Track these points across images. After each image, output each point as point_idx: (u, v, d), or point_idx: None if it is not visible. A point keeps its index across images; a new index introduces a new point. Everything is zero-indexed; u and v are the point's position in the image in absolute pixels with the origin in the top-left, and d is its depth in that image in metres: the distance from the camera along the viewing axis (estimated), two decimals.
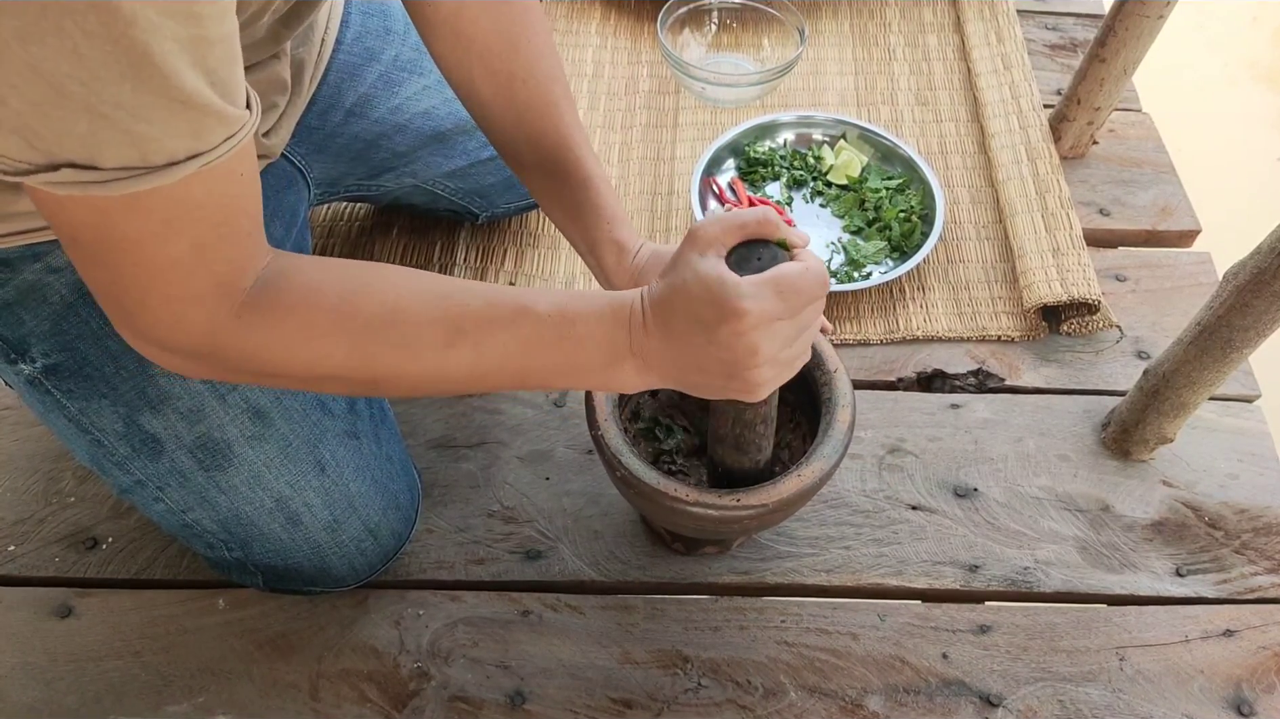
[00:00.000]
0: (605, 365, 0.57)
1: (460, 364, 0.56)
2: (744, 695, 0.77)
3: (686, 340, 0.55)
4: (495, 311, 0.56)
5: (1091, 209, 1.12)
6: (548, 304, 0.56)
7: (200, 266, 0.49)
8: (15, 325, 0.66)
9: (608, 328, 0.56)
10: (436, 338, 0.55)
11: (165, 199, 0.45)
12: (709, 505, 0.66)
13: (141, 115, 0.41)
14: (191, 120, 0.43)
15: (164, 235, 0.47)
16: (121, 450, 0.70)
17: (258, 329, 0.52)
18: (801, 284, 0.53)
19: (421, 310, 0.55)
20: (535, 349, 0.56)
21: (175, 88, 0.41)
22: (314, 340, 0.54)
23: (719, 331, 0.53)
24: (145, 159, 0.43)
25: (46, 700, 0.77)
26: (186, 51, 0.40)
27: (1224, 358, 0.78)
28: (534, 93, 0.71)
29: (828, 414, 0.70)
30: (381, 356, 0.55)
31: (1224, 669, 0.79)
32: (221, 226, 0.49)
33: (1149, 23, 1.00)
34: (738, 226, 0.55)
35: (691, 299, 0.53)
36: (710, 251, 0.54)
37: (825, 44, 1.30)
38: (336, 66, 0.87)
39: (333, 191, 0.95)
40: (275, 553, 0.75)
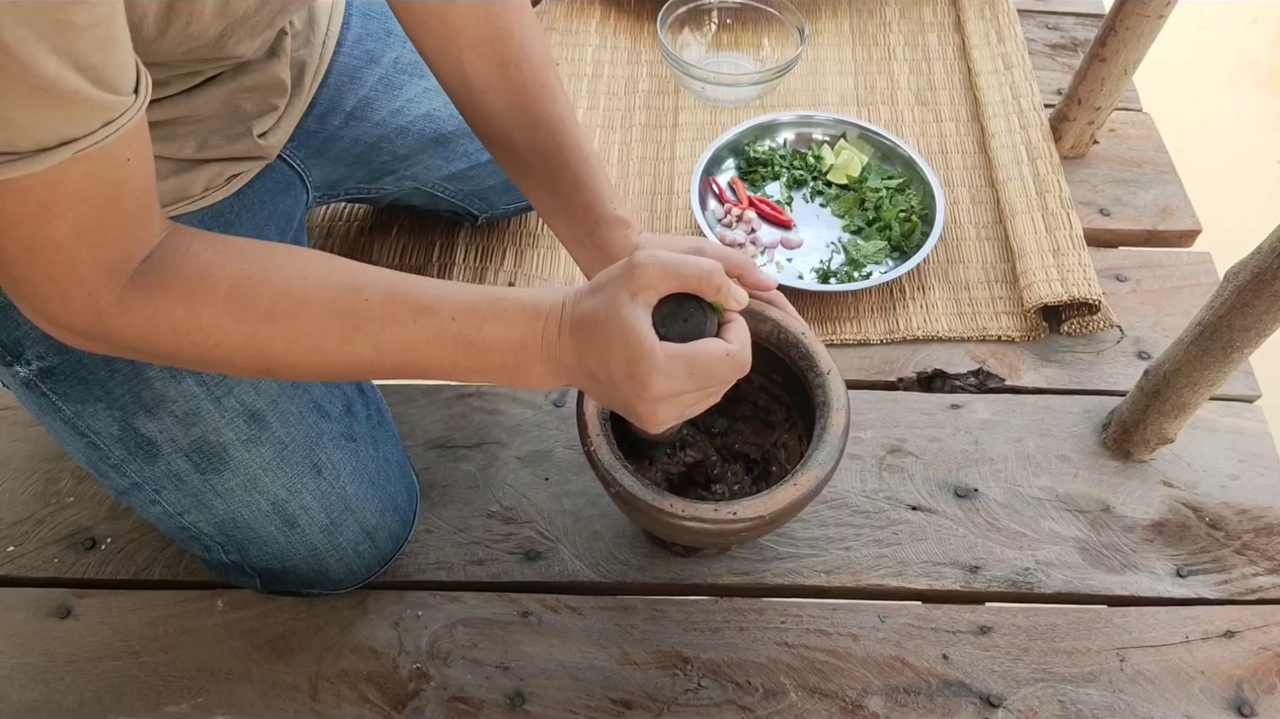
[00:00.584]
0: (514, 367, 0.57)
1: (359, 358, 0.55)
2: (744, 696, 0.77)
3: (594, 370, 0.55)
4: (397, 309, 0.55)
5: (1092, 209, 1.12)
6: (455, 304, 0.55)
7: (82, 249, 0.48)
8: (10, 328, 0.66)
9: (519, 331, 0.56)
10: (333, 332, 0.54)
11: (39, 182, 0.44)
12: (704, 519, 0.65)
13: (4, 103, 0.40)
14: (58, 107, 0.42)
15: (41, 218, 0.46)
16: (117, 453, 0.70)
17: (144, 312, 0.52)
18: (717, 369, 0.54)
19: (320, 302, 0.54)
20: (439, 349, 0.56)
21: (35, 75, 0.40)
22: (204, 328, 0.53)
23: (626, 384, 0.53)
24: (11, 145, 0.42)
25: (45, 701, 0.77)
26: (46, 38, 0.39)
27: (1225, 358, 0.78)
28: (527, 76, 0.70)
29: (822, 418, 0.70)
30: (275, 347, 0.54)
31: (1225, 670, 0.79)
32: (103, 209, 0.48)
33: (1150, 22, 1.00)
34: (677, 278, 0.53)
35: (609, 343, 0.53)
36: (641, 297, 0.53)
37: (825, 43, 1.30)
38: (337, 69, 0.86)
39: (333, 194, 0.95)
40: (272, 556, 0.75)
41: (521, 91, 0.71)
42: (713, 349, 0.54)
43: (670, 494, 0.66)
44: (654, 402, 0.53)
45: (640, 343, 0.52)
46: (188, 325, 0.52)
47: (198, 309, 0.52)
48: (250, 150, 0.72)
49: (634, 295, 0.53)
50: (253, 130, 0.71)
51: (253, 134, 0.72)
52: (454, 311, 0.55)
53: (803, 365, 0.72)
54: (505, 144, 0.73)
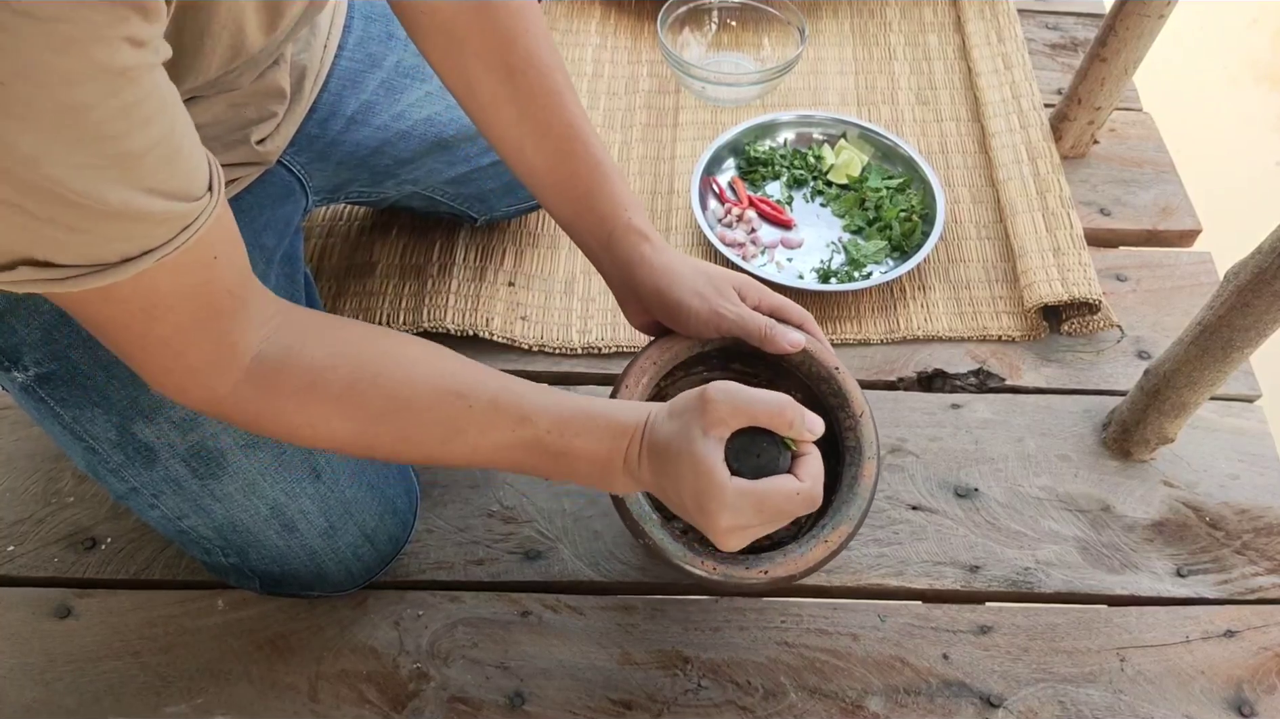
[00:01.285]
0: (599, 476, 0.60)
1: (456, 457, 0.59)
2: (744, 696, 0.77)
3: (671, 494, 0.58)
4: (497, 417, 0.58)
5: (1092, 209, 1.12)
6: (551, 416, 0.58)
7: (189, 346, 0.51)
8: (8, 334, 0.66)
9: (605, 447, 0.59)
10: (436, 435, 0.58)
11: (134, 290, 0.46)
12: (734, 578, 0.63)
13: (77, 227, 0.41)
14: (130, 227, 0.43)
15: (145, 321, 0.48)
16: (115, 458, 0.69)
17: (258, 405, 0.55)
18: (785, 505, 0.56)
19: (425, 408, 0.57)
20: (530, 455, 0.59)
21: (101, 203, 0.41)
22: (315, 425, 0.56)
23: (696, 514, 0.56)
24: (98, 258, 0.43)
25: (45, 701, 0.77)
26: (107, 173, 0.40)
27: (1225, 358, 0.78)
28: (535, 82, 0.69)
29: (853, 466, 0.67)
30: (381, 443, 0.58)
31: (1225, 670, 0.79)
32: (200, 310, 0.50)
33: (1150, 22, 1.00)
34: (749, 415, 0.56)
35: (681, 474, 0.56)
36: (713, 433, 0.55)
37: (825, 43, 1.30)
38: (338, 73, 0.86)
39: (333, 198, 0.94)
40: (271, 559, 0.75)
41: (529, 99, 0.70)
42: (783, 488, 0.56)
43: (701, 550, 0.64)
44: (722, 533, 0.56)
45: (711, 479, 0.54)
46: (299, 421, 0.56)
47: (310, 409, 0.56)
48: (248, 157, 0.72)
49: (706, 431, 0.55)
50: (251, 137, 0.71)
51: (250, 141, 0.71)
52: (549, 425, 0.58)
53: (834, 403, 0.70)
54: (517, 154, 0.72)
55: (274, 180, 0.80)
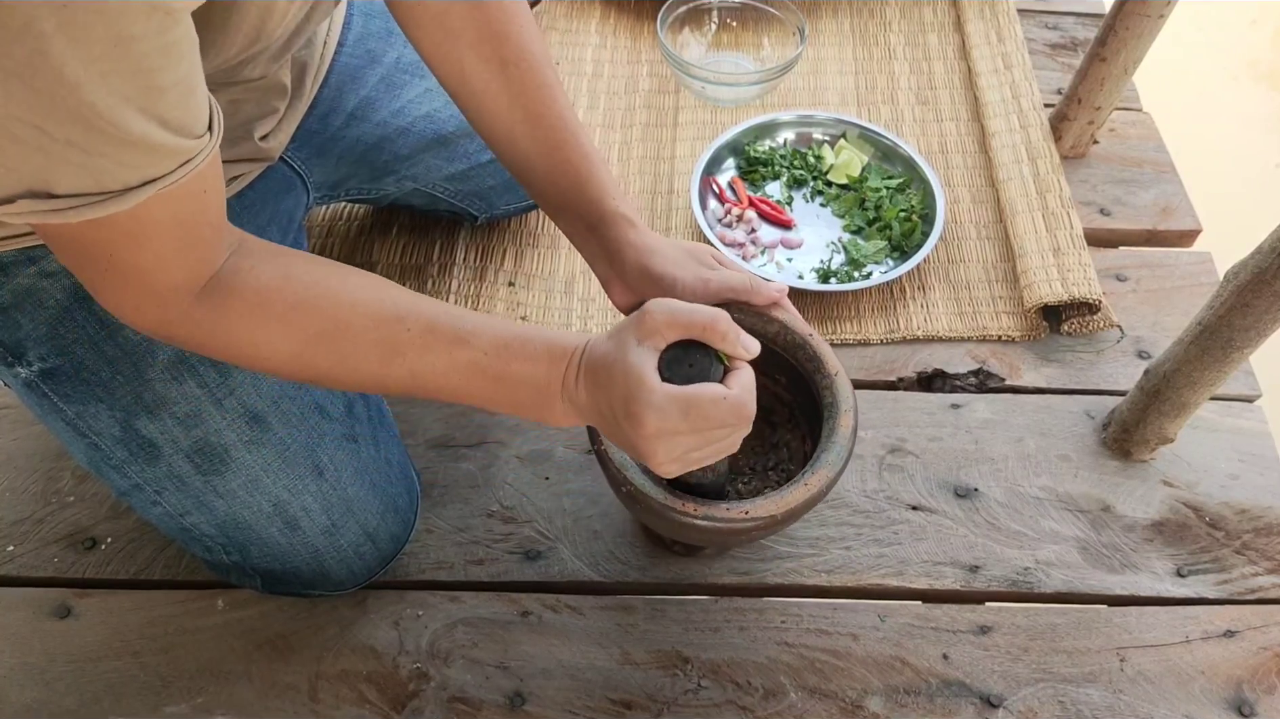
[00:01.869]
0: (537, 404, 0.60)
1: (395, 381, 0.59)
2: (744, 696, 0.77)
3: (601, 409, 0.58)
4: (434, 340, 0.58)
5: (1092, 209, 1.12)
6: (489, 339, 0.59)
7: (160, 272, 0.52)
8: (12, 329, 0.66)
9: (543, 370, 0.59)
10: (374, 356, 0.58)
11: (127, 217, 0.47)
12: (717, 519, 0.65)
13: (94, 150, 0.43)
14: (142, 155, 0.45)
15: (127, 246, 0.49)
16: (119, 454, 0.70)
17: (206, 324, 0.56)
18: (712, 411, 0.56)
19: (364, 328, 0.58)
20: (470, 380, 0.59)
21: (124, 131, 0.42)
22: (257, 341, 0.57)
23: (624, 423, 0.56)
24: (101, 185, 0.44)
25: (45, 701, 0.77)
26: (134, 102, 0.42)
27: (1225, 358, 0.78)
28: (526, 75, 0.71)
29: (830, 420, 0.70)
30: (319, 364, 0.58)
31: (1225, 670, 0.79)
32: (182, 238, 0.51)
33: (1150, 22, 1.00)
34: (684, 325, 0.56)
35: (613, 383, 0.56)
36: (648, 342, 0.56)
37: (825, 43, 1.30)
38: (338, 69, 0.86)
39: (333, 195, 0.95)
40: (273, 557, 0.75)
41: (521, 91, 0.71)
42: (710, 391, 0.56)
43: (682, 494, 0.66)
44: (649, 439, 0.56)
45: (640, 381, 0.55)
46: (244, 340, 0.57)
47: (254, 328, 0.56)
48: (252, 153, 0.72)
49: (641, 340, 0.56)
50: (254, 133, 0.71)
51: (254, 137, 0.72)
52: (486, 347, 0.59)
53: (810, 367, 0.72)
54: (507, 143, 0.74)
55: (276, 176, 0.80)
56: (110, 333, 0.67)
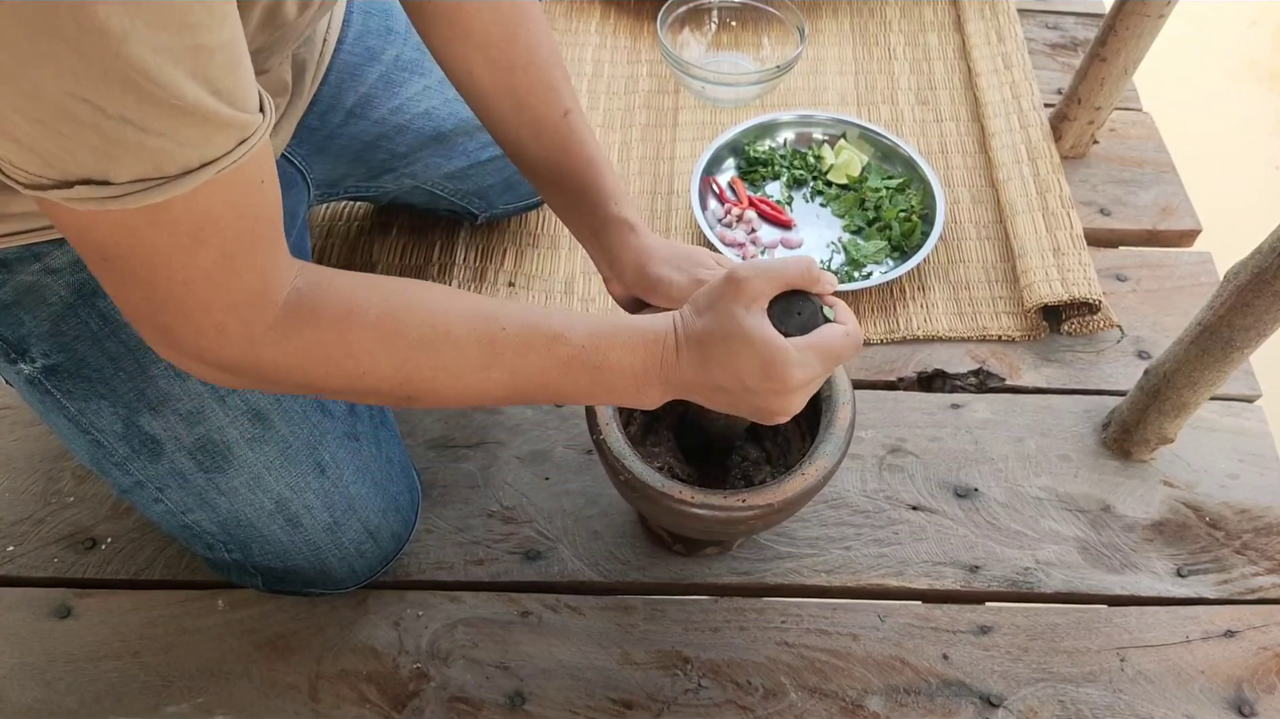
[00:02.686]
0: (634, 389, 0.60)
1: (496, 384, 0.58)
2: (744, 696, 0.77)
3: (721, 385, 0.58)
4: (533, 337, 0.58)
5: (1092, 208, 1.12)
6: (583, 331, 0.59)
7: (231, 276, 0.49)
8: (15, 326, 0.66)
9: (640, 356, 0.59)
10: (475, 359, 0.57)
11: (186, 210, 0.45)
12: (714, 507, 0.66)
13: (149, 127, 0.41)
14: (198, 128, 0.43)
15: (191, 247, 0.47)
16: (121, 451, 0.70)
17: (297, 339, 0.53)
18: (843, 348, 0.58)
19: (463, 332, 0.57)
20: (568, 374, 0.59)
21: (177, 97, 0.41)
22: (356, 355, 0.55)
23: (762, 387, 0.57)
24: (159, 169, 0.43)
25: (45, 701, 0.77)
26: (183, 63, 0.40)
27: (1225, 358, 0.78)
28: (534, 78, 0.71)
29: (828, 412, 0.70)
30: (422, 374, 0.56)
31: (1225, 670, 0.79)
32: (246, 235, 0.49)
33: (1150, 22, 1.00)
34: (780, 280, 0.58)
35: (737, 354, 0.57)
36: (755, 306, 0.57)
37: (825, 43, 1.30)
38: (337, 66, 0.86)
39: (333, 192, 0.95)
40: (274, 555, 0.75)
41: (528, 93, 0.72)
42: (836, 332, 0.58)
43: (679, 482, 0.67)
44: (794, 393, 0.57)
45: (771, 345, 0.56)
46: (339, 353, 0.54)
47: (349, 337, 0.54)
48: None
49: (748, 306, 0.57)
50: None
51: None
52: (582, 340, 0.58)
53: None
54: (514, 145, 0.74)
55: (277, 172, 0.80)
56: (113, 329, 0.67)
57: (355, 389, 0.57)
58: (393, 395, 0.58)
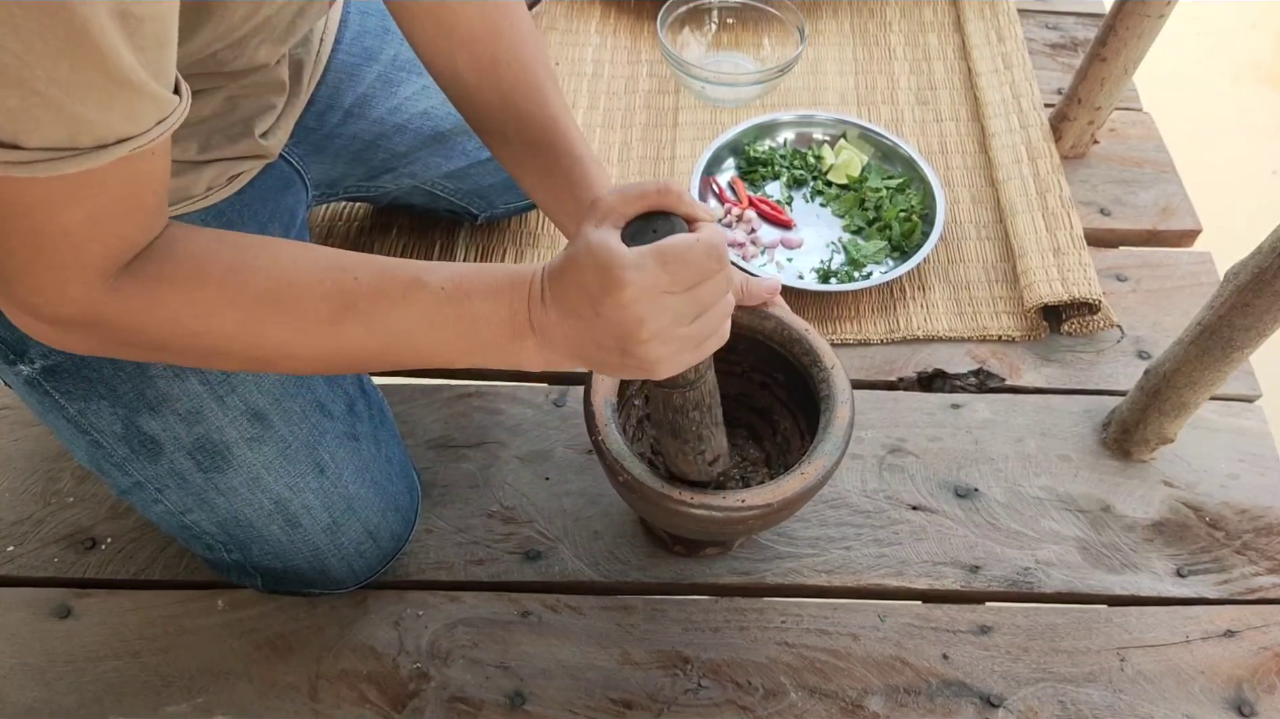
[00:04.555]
0: (505, 342, 0.56)
1: (351, 340, 0.54)
2: (744, 696, 0.77)
3: (578, 314, 0.53)
4: (387, 285, 0.54)
5: (1092, 209, 1.12)
6: (443, 278, 0.54)
7: (91, 238, 0.48)
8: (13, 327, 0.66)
9: (506, 303, 0.54)
10: (324, 312, 0.53)
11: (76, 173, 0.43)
12: (713, 507, 0.66)
13: (77, 94, 0.39)
14: (127, 102, 0.42)
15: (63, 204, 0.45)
16: (120, 452, 0.70)
17: (138, 298, 0.51)
18: (690, 255, 0.51)
19: (309, 284, 0.53)
20: (429, 326, 0.55)
21: (114, 66, 0.39)
22: (199, 314, 0.52)
23: (604, 303, 0.51)
24: (74, 140, 0.41)
25: (45, 701, 0.77)
26: (121, 29, 0.39)
27: (1225, 358, 0.78)
28: (519, 74, 0.71)
29: (827, 411, 0.70)
30: (269, 331, 0.53)
31: (1225, 670, 0.79)
32: (124, 201, 0.48)
33: (1150, 22, 1.00)
34: (637, 197, 0.52)
35: (581, 270, 0.51)
36: (606, 223, 0.52)
37: (825, 43, 1.30)
38: (335, 66, 0.86)
39: (332, 193, 0.95)
40: (274, 555, 0.75)
41: (513, 89, 0.71)
42: (681, 238, 0.51)
43: (678, 483, 0.67)
44: (633, 304, 0.50)
45: (608, 249, 0.50)
46: (182, 311, 0.52)
47: (192, 294, 0.52)
48: (252, 150, 0.72)
49: (599, 223, 0.52)
50: (254, 129, 0.72)
51: (254, 133, 0.72)
52: (443, 282, 0.54)
53: (806, 361, 0.73)
54: (500, 141, 0.74)
55: (275, 173, 0.80)
56: None
57: (199, 348, 0.54)
58: (243, 356, 0.55)
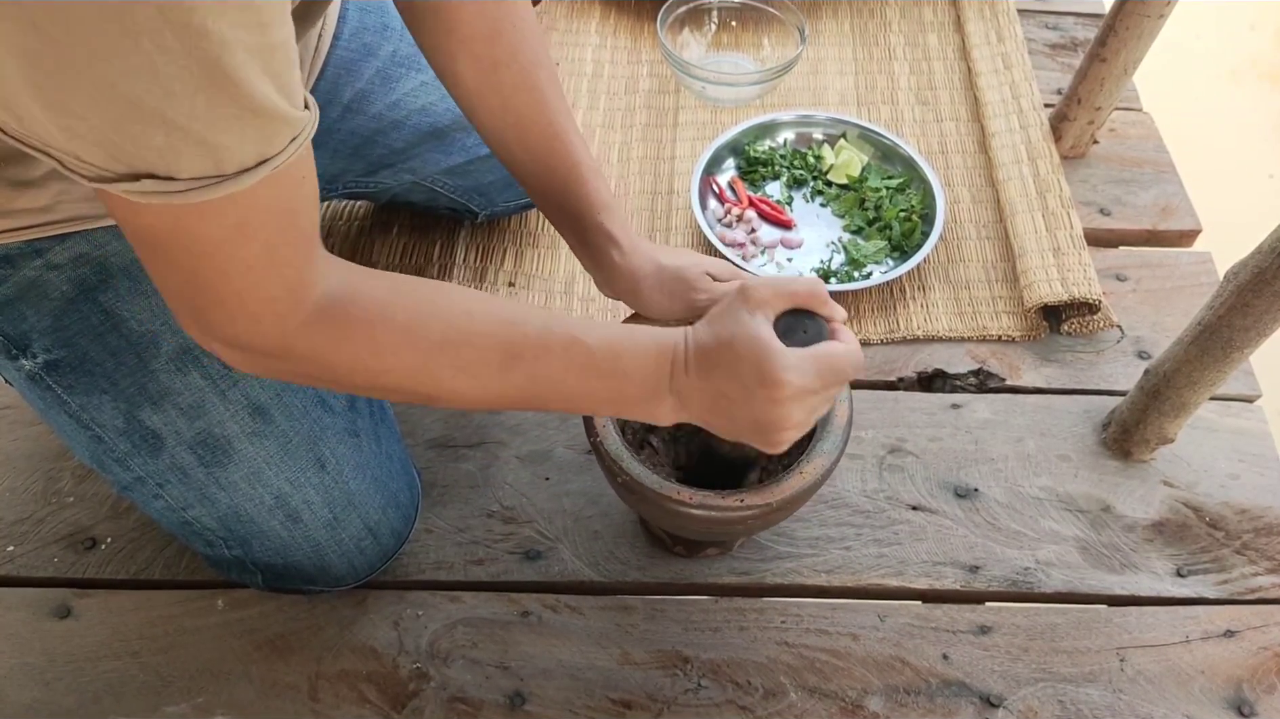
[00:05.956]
0: (646, 399, 0.60)
1: (513, 387, 0.59)
2: (744, 696, 0.77)
3: (723, 392, 0.58)
4: (550, 340, 0.58)
5: (1092, 208, 1.12)
6: (598, 338, 0.59)
7: (271, 270, 0.51)
8: (17, 321, 0.66)
9: (652, 365, 0.59)
10: (494, 361, 0.58)
11: (236, 204, 0.46)
12: (712, 507, 0.66)
13: (216, 125, 0.42)
14: (261, 126, 0.44)
15: (237, 239, 0.48)
16: (122, 446, 0.70)
17: (328, 338, 0.54)
18: (841, 365, 0.58)
19: (483, 335, 0.58)
20: (584, 379, 0.59)
21: (247, 96, 0.41)
22: (382, 355, 0.56)
23: (757, 394, 0.57)
24: (220, 168, 0.44)
25: (45, 701, 0.77)
26: (256, 60, 0.41)
27: (1225, 358, 0.78)
28: (518, 77, 0.71)
29: None
30: (443, 376, 0.58)
31: (1225, 670, 0.79)
32: (287, 229, 0.50)
33: (1149, 22, 1.00)
34: (789, 295, 0.58)
35: (738, 357, 0.57)
36: (760, 314, 0.57)
37: (825, 43, 1.30)
38: (334, 62, 0.87)
39: (331, 189, 0.95)
40: (275, 551, 0.75)
41: (512, 93, 0.72)
42: (835, 347, 0.58)
43: (677, 483, 0.67)
44: (787, 402, 0.56)
45: (769, 347, 0.56)
46: (366, 351, 0.55)
47: (377, 336, 0.55)
48: None
49: (753, 313, 0.57)
50: None
51: None
52: (596, 344, 0.59)
53: None
54: (499, 143, 0.74)
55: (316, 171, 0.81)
56: (115, 324, 0.67)
57: (377, 385, 0.58)
58: (414, 393, 0.59)
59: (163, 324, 0.68)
